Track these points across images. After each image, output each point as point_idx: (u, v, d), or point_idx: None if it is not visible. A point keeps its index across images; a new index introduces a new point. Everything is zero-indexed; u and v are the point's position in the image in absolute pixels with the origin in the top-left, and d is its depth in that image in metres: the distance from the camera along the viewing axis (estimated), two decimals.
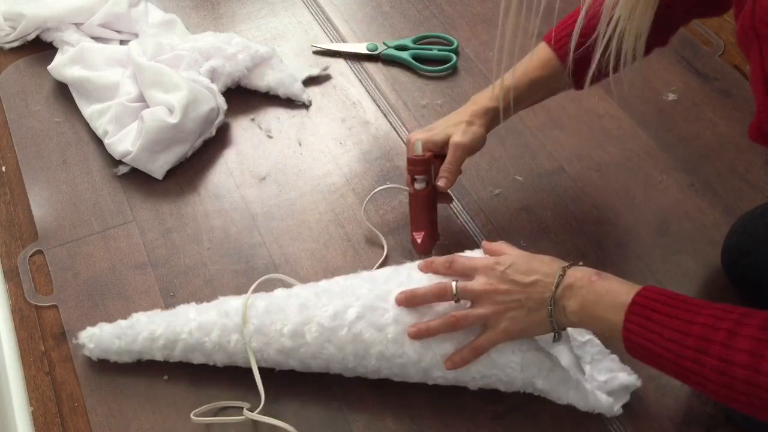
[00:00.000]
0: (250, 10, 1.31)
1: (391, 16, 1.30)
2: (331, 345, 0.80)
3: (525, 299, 0.75)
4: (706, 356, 0.65)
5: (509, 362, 0.78)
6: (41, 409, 0.85)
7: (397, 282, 0.81)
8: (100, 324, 0.88)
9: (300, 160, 1.09)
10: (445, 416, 0.83)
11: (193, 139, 1.07)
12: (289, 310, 0.82)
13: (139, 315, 0.87)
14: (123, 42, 1.22)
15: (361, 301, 0.80)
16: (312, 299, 0.82)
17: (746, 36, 0.63)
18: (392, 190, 1.04)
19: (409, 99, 1.17)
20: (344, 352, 0.80)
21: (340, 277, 0.86)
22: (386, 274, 0.83)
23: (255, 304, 0.83)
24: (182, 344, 0.84)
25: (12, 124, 1.14)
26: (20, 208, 1.04)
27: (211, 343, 0.83)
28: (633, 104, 1.13)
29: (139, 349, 0.85)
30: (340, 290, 0.82)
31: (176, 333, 0.84)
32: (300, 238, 1.00)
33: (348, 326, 0.79)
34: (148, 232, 1.01)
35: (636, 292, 0.71)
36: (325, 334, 0.80)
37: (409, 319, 0.79)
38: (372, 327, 0.79)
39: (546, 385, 0.79)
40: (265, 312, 0.82)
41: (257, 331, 0.82)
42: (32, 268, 0.97)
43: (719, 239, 0.95)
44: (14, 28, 1.22)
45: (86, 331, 0.87)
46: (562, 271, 0.75)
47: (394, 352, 0.79)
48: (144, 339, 0.85)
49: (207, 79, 1.10)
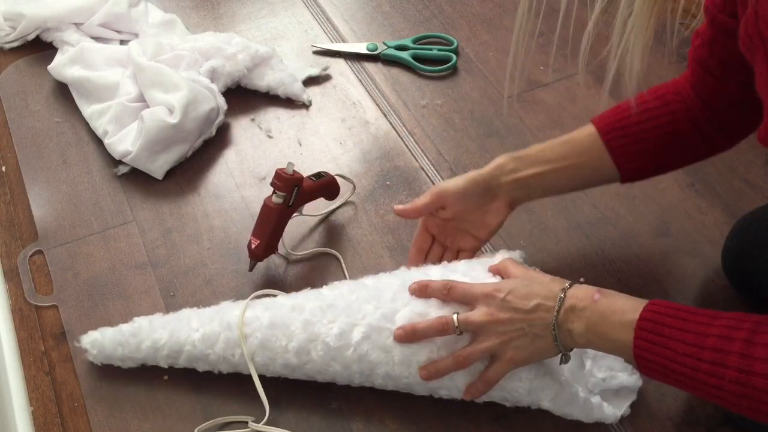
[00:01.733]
0: (250, 10, 1.31)
1: (391, 16, 1.30)
2: (337, 363, 0.80)
3: (528, 327, 0.74)
4: (724, 369, 0.64)
5: (516, 388, 0.78)
6: (41, 409, 0.85)
7: (404, 300, 0.79)
8: (102, 329, 0.87)
9: (300, 160, 1.09)
10: (445, 417, 0.83)
11: (193, 139, 1.07)
12: (293, 326, 0.80)
13: (141, 320, 0.86)
14: (123, 42, 1.22)
15: (367, 320, 0.79)
16: (317, 314, 0.80)
17: (750, 40, 0.63)
18: (393, 190, 1.04)
19: (409, 99, 1.17)
20: (350, 371, 0.80)
21: (345, 285, 0.84)
22: (393, 290, 0.81)
23: (258, 316, 0.82)
24: (186, 354, 0.83)
25: (12, 124, 1.14)
26: (20, 208, 1.04)
27: (215, 355, 0.83)
28: None
29: (143, 357, 0.85)
30: (345, 305, 0.80)
31: (180, 344, 0.83)
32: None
33: (354, 347, 0.79)
34: (148, 232, 1.01)
35: (643, 307, 0.70)
36: (331, 353, 0.79)
37: (416, 343, 0.78)
38: (378, 348, 0.78)
39: (553, 406, 0.80)
40: (269, 326, 0.81)
41: (261, 346, 0.81)
42: (32, 268, 0.97)
43: (719, 239, 0.95)
44: (14, 28, 1.22)
45: (88, 335, 0.86)
46: (562, 293, 0.74)
47: (400, 373, 0.79)
48: (148, 348, 0.84)
49: (207, 79, 1.10)
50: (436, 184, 0.88)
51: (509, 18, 1.28)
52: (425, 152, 1.09)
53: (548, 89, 1.17)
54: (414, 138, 1.11)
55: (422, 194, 0.88)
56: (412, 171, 1.07)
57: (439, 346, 0.77)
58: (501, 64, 1.21)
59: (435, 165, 1.08)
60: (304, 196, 0.94)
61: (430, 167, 1.08)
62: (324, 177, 0.98)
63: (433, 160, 1.08)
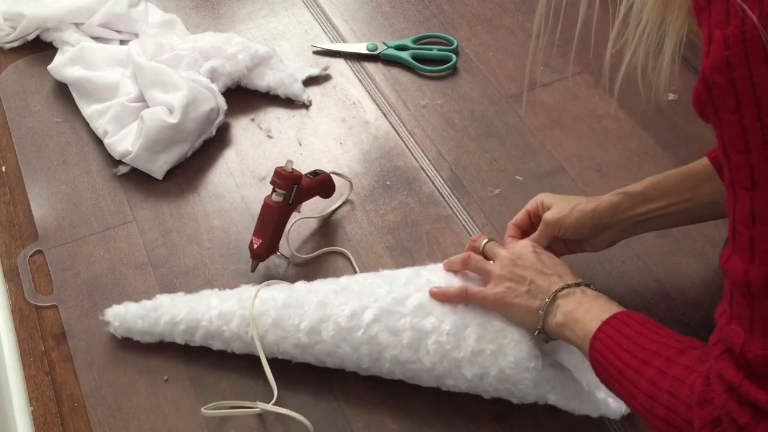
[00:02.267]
0: (250, 10, 1.31)
1: (391, 16, 1.30)
2: (347, 345, 0.81)
3: (530, 281, 0.77)
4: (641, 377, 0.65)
5: (522, 378, 0.78)
6: (41, 409, 0.85)
7: (416, 286, 0.82)
8: (126, 303, 0.90)
9: (300, 160, 1.09)
10: (445, 416, 0.83)
11: (193, 139, 1.07)
12: (307, 305, 0.83)
13: (163, 297, 0.89)
14: (123, 42, 1.22)
15: (378, 303, 0.81)
16: (331, 296, 0.83)
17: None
18: (393, 190, 1.04)
19: (409, 99, 1.17)
20: (359, 353, 0.81)
21: (361, 275, 0.87)
22: (406, 276, 0.84)
23: (275, 296, 0.84)
24: (203, 330, 0.85)
25: (12, 124, 1.14)
26: (20, 208, 1.04)
27: (230, 332, 0.85)
28: (633, 104, 1.13)
29: (161, 331, 0.87)
30: (359, 289, 0.83)
31: (197, 319, 0.85)
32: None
33: (364, 328, 0.80)
34: (148, 232, 1.01)
35: (622, 311, 0.71)
36: (341, 333, 0.81)
37: (427, 325, 0.79)
38: (388, 330, 0.80)
39: (560, 401, 0.79)
40: (283, 306, 0.83)
41: (274, 324, 0.83)
42: (32, 268, 0.97)
43: (719, 239, 0.95)
44: (14, 28, 1.22)
45: (112, 309, 0.89)
46: (577, 282, 0.76)
47: (408, 358, 0.80)
48: (166, 322, 0.86)
49: (207, 79, 1.10)
50: (547, 215, 0.84)
51: (509, 18, 1.28)
52: (425, 152, 1.09)
53: (548, 89, 1.17)
54: (414, 138, 1.11)
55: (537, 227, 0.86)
56: (412, 171, 1.07)
57: (447, 331, 0.79)
58: (501, 64, 1.21)
59: (435, 165, 1.08)
60: (303, 193, 0.95)
61: (430, 167, 1.08)
62: (320, 174, 0.99)
63: (433, 160, 1.09)
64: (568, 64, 1.15)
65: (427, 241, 0.99)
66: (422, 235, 1.00)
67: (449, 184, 1.06)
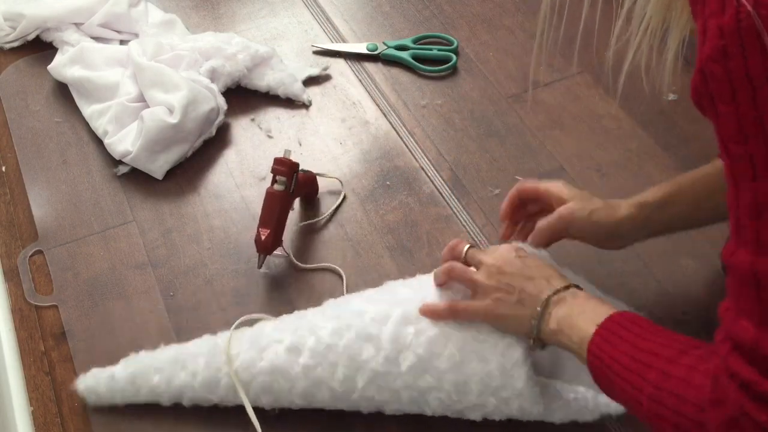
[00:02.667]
0: (250, 10, 1.31)
1: (391, 16, 1.30)
2: (343, 404, 0.81)
3: (519, 290, 0.75)
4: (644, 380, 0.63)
5: (531, 414, 0.78)
6: (41, 409, 0.85)
7: (404, 343, 0.78)
8: (94, 371, 0.84)
9: (300, 160, 1.08)
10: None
11: (193, 139, 1.07)
12: (293, 370, 0.79)
13: (134, 363, 0.83)
14: (123, 42, 1.22)
15: (370, 366, 0.78)
16: (316, 357, 0.79)
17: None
18: (393, 190, 1.04)
19: (409, 99, 1.17)
20: (358, 407, 0.81)
21: (346, 312, 0.82)
22: (391, 324, 0.78)
23: (254, 358, 0.80)
24: (188, 399, 0.82)
25: (12, 124, 1.14)
26: (20, 208, 1.04)
27: (217, 397, 0.82)
28: (633, 104, 1.13)
29: (145, 401, 0.83)
30: (344, 346, 0.78)
31: (180, 389, 0.82)
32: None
33: (359, 391, 0.79)
34: (148, 232, 1.01)
35: (616, 312, 0.70)
36: (337, 394, 0.80)
37: (423, 385, 0.77)
38: (384, 390, 0.79)
39: (565, 418, 0.80)
40: (269, 371, 0.80)
41: (264, 390, 0.80)
42: (32, 268, 0.97)
43: (719, 239, 0.95)
44: (14, 28, 1.22)
45: (83, 379, 0.84)
46: (566, 285, 0.74)
47: (410, 410, 0.80)
48: (146, 394, 0.83)
49: (207, 79, 1.10)
50: (563, 213, 0.82)
51: (509, 18, 1.28)
52: (425, 152, 1.09)
53: (548, 89, 1.17)
54: (414, 138, 1.11)
55: (548, 216, 0.83)
56: (412, 171, 1.07)
57: (447, 390, 0.77)
58: (501, 64, 1.21)
59: (435, 165, 1.08)
60: (301, 184, 0.96)
61: (430, 167, 1.08)
62: (306, 172, 0.99)
63: (433, 160, 1.08)
64: (571, 63, 1.15)
65: (427, 241, 0.99)
66: (422, 235, 1.00)
67: (449, 184, 1.06)
